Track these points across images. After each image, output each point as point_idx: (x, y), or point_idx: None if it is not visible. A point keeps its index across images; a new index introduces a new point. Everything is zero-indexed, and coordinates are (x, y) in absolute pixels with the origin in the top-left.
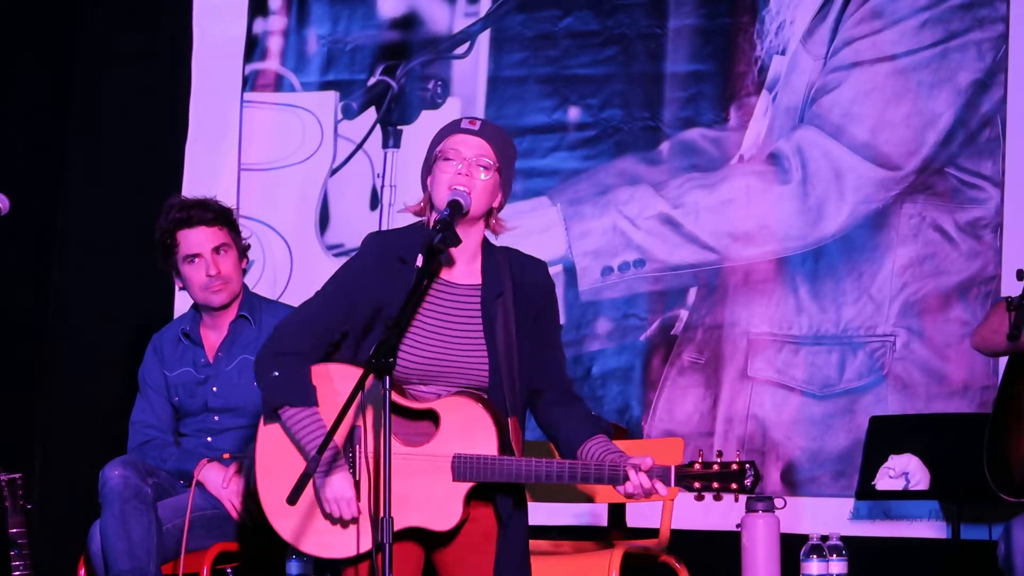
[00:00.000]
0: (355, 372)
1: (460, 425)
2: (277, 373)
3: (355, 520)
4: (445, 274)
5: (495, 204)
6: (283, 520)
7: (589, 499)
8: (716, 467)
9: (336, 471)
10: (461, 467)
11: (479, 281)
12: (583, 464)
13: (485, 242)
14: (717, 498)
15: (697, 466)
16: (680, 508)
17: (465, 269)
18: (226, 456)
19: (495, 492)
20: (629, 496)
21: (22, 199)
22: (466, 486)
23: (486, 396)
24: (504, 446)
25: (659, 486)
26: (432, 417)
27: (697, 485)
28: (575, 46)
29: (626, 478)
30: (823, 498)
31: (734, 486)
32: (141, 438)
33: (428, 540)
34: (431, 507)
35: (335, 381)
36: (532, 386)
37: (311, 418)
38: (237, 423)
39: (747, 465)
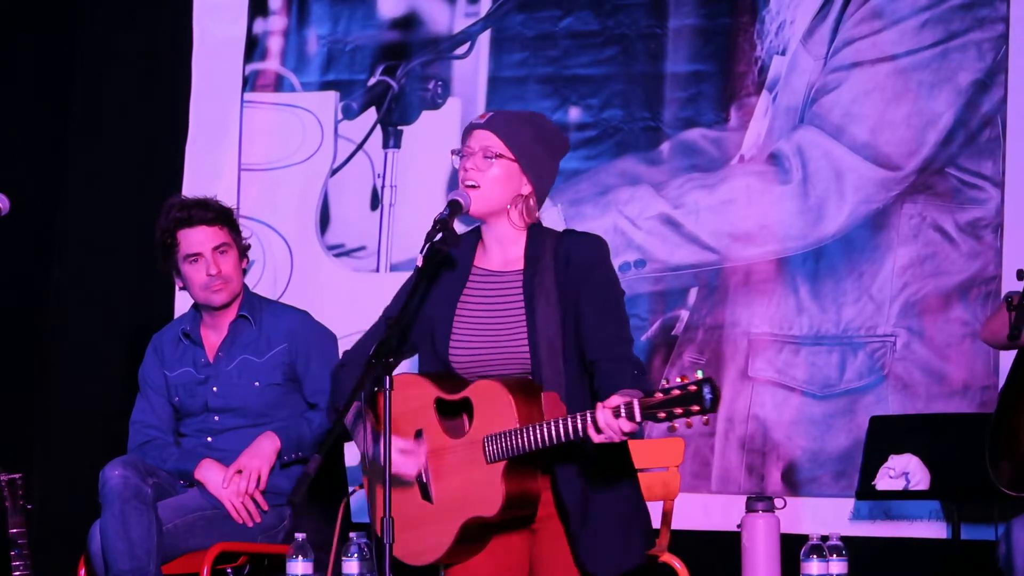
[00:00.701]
0: (418, 380)
1: (487, 407)
2: (340, 383)
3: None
4: (488, 264)
5: (524, 191)
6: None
7: None
8: (676, 392)
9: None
10: (489, 447)
11: (522, 266)
12: (571, 418)
13: (534, 227)
14: (688, 425)
15: (659, 395)
16: (681, 508)
17: (510, 256)
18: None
19: (556, 471)
20: (605, 438)
21: (22, 199)
22: (500, 465)
23: (529, 377)
24: (529, 418)
25: (624, 423)
26: (468, 406)
27: (662, 415)
28: (575, 46)
29: (596, 421)
30: (824, 498)
31: (695, 408)
32: (141, 438)
33: (522, 532)
34: (476, 495)
35: (404, 388)
36: (586, 358)
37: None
38: (237, 423)
39: (704, 383)
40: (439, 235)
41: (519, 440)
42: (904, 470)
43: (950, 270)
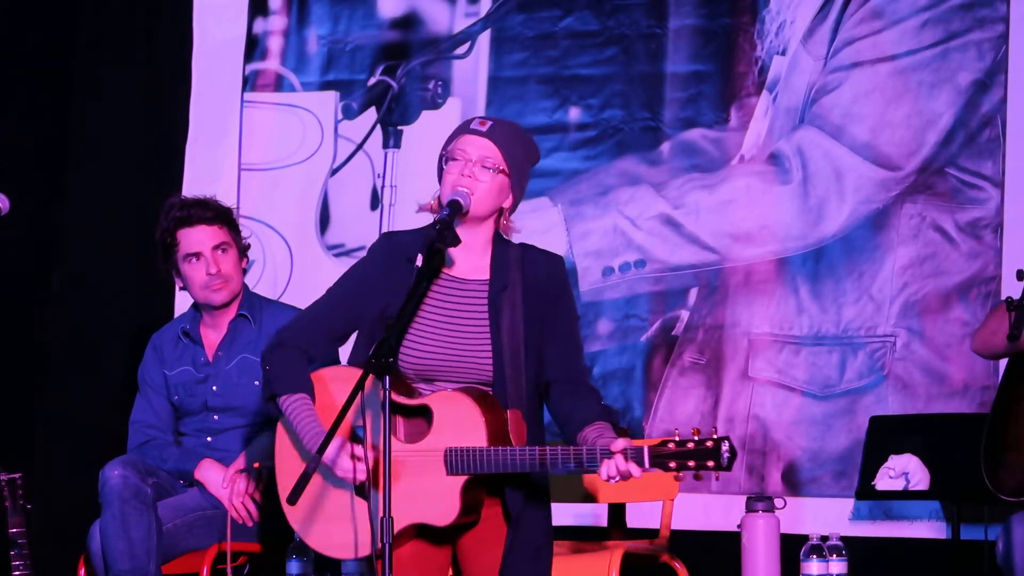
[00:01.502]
0: (355, 373)
1: (452, 419)
2: (269, 366)
3: (357, 520)
4: (453, 270)
5: (505, 205)
6: (296, 518)
7: (590, 499)
8: (691, 444)
9: (339, 454)
10: (453, 461)
11: (488, 276)
12: (563, 450)
13: (498, 238)
14: (697, 477)
15: (671, 445)
16: (680, 508)
17: (474, 265)
18: (256, 465)
19: (504, 487)
20: (608, 479)
21: (22, 199)
22: (461, 479)
23: (489, 390)
24: (497, 438)
25: (633, 468)
26: (426, 414)
27: (672, 464)
28: (575, 46)
29: (601, 462)
30: (824, 498)
31: (711, 464)
32: (141, 438)
33: (448, 537)
34: (430, 503)
35: (335, 383)
36: (543, 378)
37: (299, 402)
38: (237, 423)
39: (723, 441)
40: (439, 235)
41: (489, 459)
42: (904, 470)
43: (950, 270)
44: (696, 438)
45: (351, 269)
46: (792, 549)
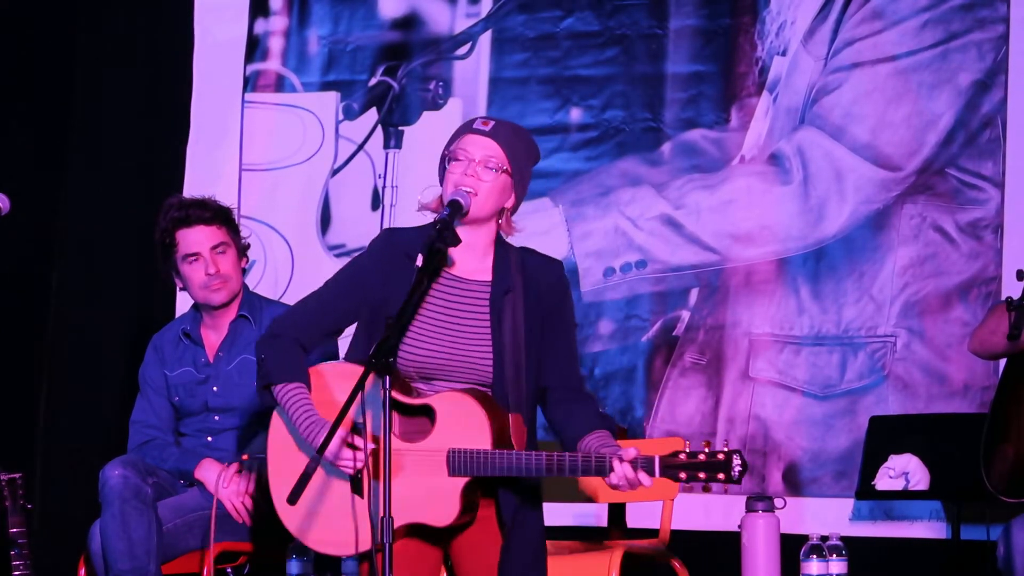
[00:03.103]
0: (355, 370)
1: (455, 420)
2: (264, 355)
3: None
4: (455, 270)
5: (507, 205)
6: (290, 514)
7: (589, 499)
8: (702, 457)
9: (340, 448)
10: (456, 462)
11: (490, 278)
12: (571, 456)
13: (499, 240)
14: (706, 488)
15: (682, 456)
16: (680, 508)
17: (476, 265)
18: (245, 457)
19: (498, 490)
20: (615, 487)
21: (22, 199)
22: (462, 481)
23: (488, 392)
24: (500, 441)
25: (643, 477)
26: (428, 413)
27: (683, 476)
28: (576, 47)
29: (611, 469)
30: (824, 499)
31: (721, 476)
32: (141, 438)
33: (441, 537)
34: (429, 503)
35: (336, 379)
36: (540, 384)
37: (296, 391)
38: (237, 423)
39: (734, 455)
40: (439, 234)
41: (494, 462)
42: (904, 470)
43: (950, 270)
44: (707, 450)
45: (350, 262)
46: (793, 549)
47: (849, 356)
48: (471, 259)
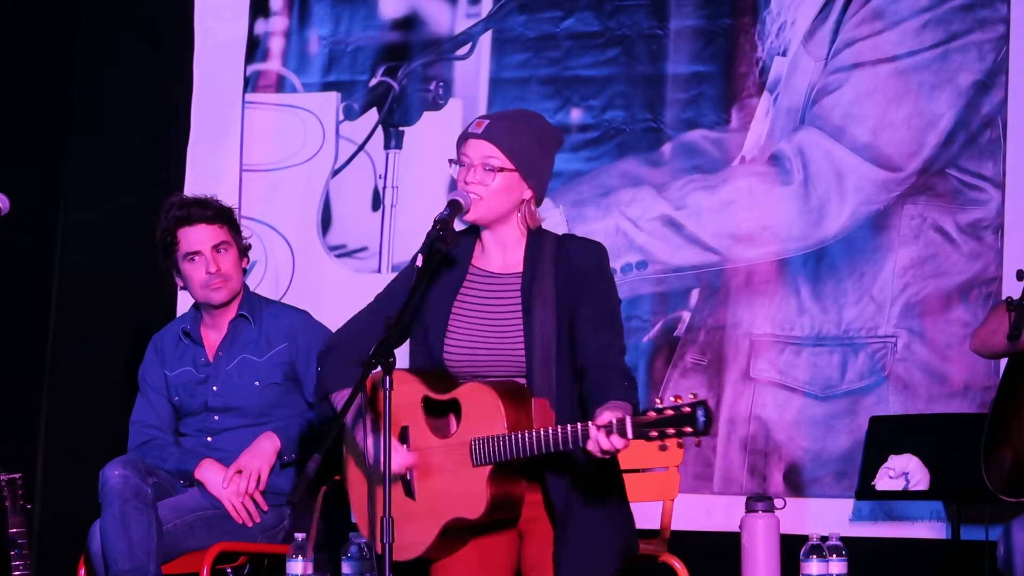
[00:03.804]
0: (407, 376)
1: (476, 410)
2: (321, 368)
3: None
4: (489, 266)
5: (525, 197)
6: (366, 523)
7: None
8: (669, 412)
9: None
10: (477, 451)
11: (521, 270)
12: (561, 429)
13: (533, 231)
14: (680, 445)
15: (651, 414)
16: (683, 509)
17: (509, 259)
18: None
19: (545, 477)
20: (604, 454)
21: (22, 199)
22: (486, 470)
23: (523, 381)
24: (518, 425)
25: (615, 440)
26: (456, 407)
27: (654, 434)
28: (577, 47)
29: (589, 437)
30: (826, 499)
31: (688, 429)
32: (141, 438)
33: (505, 536)
34: (460, 496)
35: (398, 384)
36: (577, 365)
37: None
38: (237, 423)
39: (699, 406)
40: (440, 235)
41: (507, 446)
42: (904, 470)
43: (951, 271)
44: (673, 404)
45: (398, 275)
46: (794, 549)
47: (850, 356)
48: (502, 254)
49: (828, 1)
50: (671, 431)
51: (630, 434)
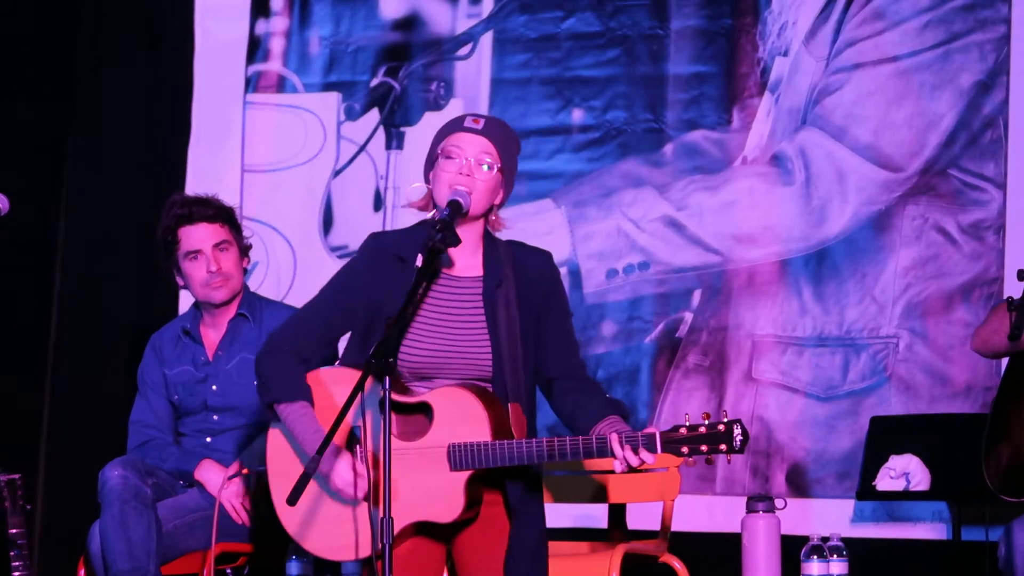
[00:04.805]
0: (354, 375)
1: (453, 415)
2: (264, 372)
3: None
4: (447, 269)
5: (496, 201)
6: (292, 521)
7: (590, 500)
8: (703, 429)
9: (339, 460)
10: (456, 456)
11: (481, 273)
12: (572, 440)
13: (487, 235)
14: (709, 461)
15: (683, 430)
16: (685, 509)
17: (467, 263)
18: (245, 471)
19: (505, 482)
20: (629, 470)
21: (22, 199)
22: (465, 475)
23: (488, 386)
24: (500, 431)
25: (645, 455)
26: (426, 410)
27: (685, 450)
28: (578, 48)
29: (612, 451)
30: (828, 500)
31: (723, 447)
32: (140, 438)
33: (445, 535)
34: (433, 500)
35: (334, 384)
36: (542, 374)
37: (301, 410)
38: (236, 423)
39: (735, 424)
40: (439, 235)
41: (494, 453)
42: (904, 470)
43: (952, 271)
44: (707, 422)
45: (340, 271)
46: (796, 550)
47: (851, 357)
48: (462, 256)
49: (829, 1)
50: (704, 448)
51: (659, 449)
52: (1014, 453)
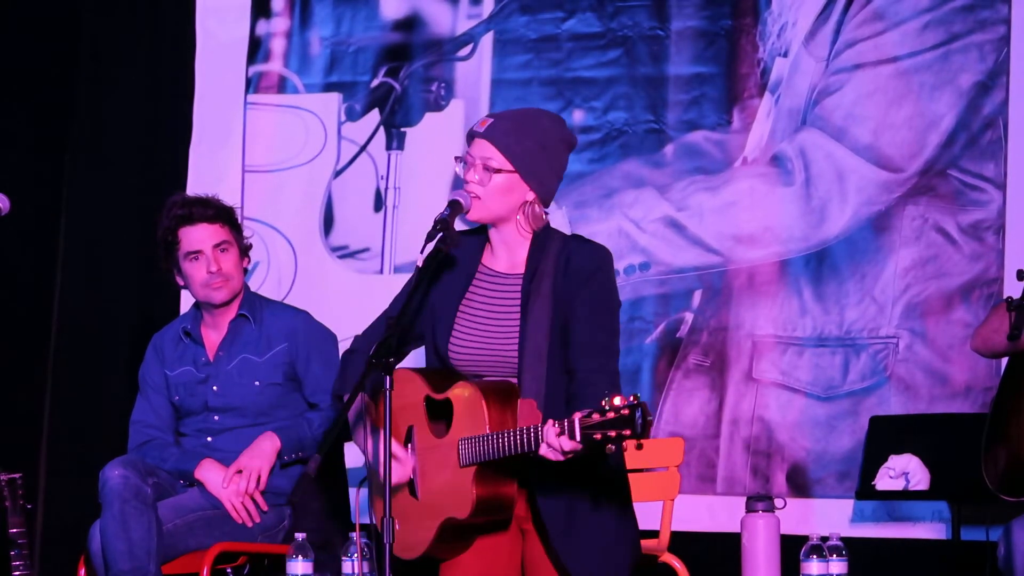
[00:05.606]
0: (414, 376)
1: (464, 411)
2: (341, 369)
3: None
4: (496, 266)
5: (527, 198)
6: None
7: None
8: (610, 414)
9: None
10: (463, 451)
11: (523, 270)
12: (523, 431)
13: (540, 231)
14: (622, 448)
15: (596, 416)
16: (685, 510)
17: (513, 260)
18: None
19: (532, 480)
20: (564, 455)
21: (23, 199)
22: (471, 470)
23: (515, 382)
24: (502, 425)
25: (564, 442)
26: (449, 407)
27: (598, 436)
28: (578, 48)
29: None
30: (828, 499)
31: (627, 432)
32: (141, 438)
33: (508, 536)
34: (450, 495)
35: (400, 384)
36: (566, 367)
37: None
38: (237, 423)
39: (637, 408)
40: (440, 235)
41: (488, 446)
42: (904, 470)
43: (952, 272)
44: (613, 405)
45: (412, 274)
46: (796, 550)
47: (851, 357)
48: (510, 254)
49: (829, 2)
50: (612, 434)
51: (578, 436)
52: (1014, 453)
